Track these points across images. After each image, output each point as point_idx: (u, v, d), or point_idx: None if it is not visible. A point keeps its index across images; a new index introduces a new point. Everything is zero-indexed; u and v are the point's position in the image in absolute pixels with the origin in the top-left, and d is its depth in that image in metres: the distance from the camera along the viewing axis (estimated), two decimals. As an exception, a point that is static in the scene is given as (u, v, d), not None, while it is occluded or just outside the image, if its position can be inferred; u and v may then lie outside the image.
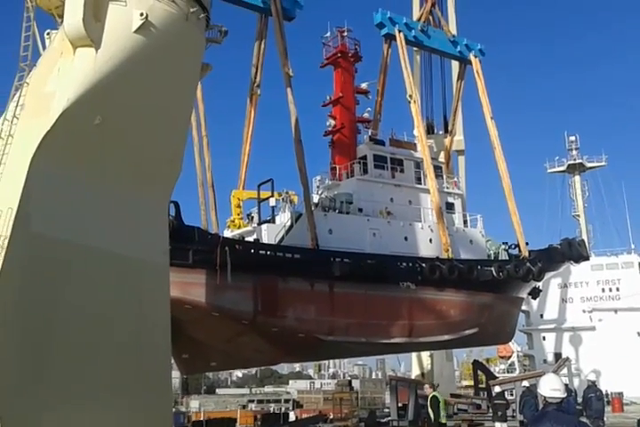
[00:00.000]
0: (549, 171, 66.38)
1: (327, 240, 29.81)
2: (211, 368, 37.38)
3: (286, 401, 63.17)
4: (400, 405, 28.51)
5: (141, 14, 18.56)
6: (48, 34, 19.76)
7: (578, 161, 64.84)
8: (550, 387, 5.13)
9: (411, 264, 31.49)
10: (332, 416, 35.04)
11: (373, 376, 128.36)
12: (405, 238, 33.28)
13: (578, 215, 64.75)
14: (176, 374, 40.96)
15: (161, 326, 19.65)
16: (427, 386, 12.54)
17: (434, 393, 12.55)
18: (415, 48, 40.81)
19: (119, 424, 16.93)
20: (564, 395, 5.13)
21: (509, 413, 20.94)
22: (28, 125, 16.85)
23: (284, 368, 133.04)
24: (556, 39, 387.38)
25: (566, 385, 20.54)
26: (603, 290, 56.37)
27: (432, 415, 12.54)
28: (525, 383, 22.95)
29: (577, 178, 65.45)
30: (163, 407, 19.26)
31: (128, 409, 17.29)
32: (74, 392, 15.82)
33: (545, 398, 5.10)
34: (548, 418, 4.90)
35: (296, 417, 38.04)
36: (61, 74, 17.94)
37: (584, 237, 57.82)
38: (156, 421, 18.54)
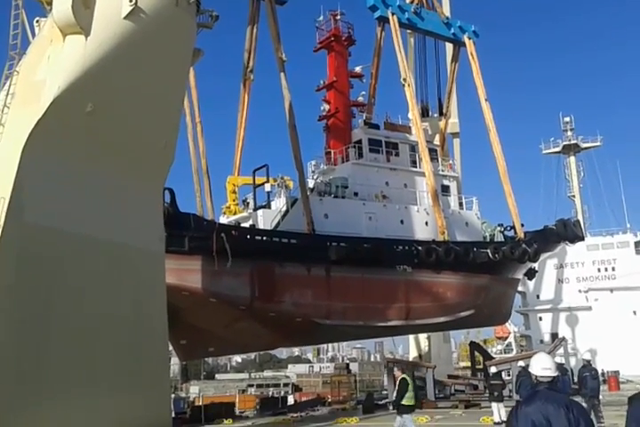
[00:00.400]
0: (544, 152, 66.29)
1: (323, 225, 29.86)
2: (209, 354, 37.57)
3: (285, 385, 63.59)
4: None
5: (130, 0, 18.41)
6: (37, 22, 19.58)
7: (573, 142, 64.69)
8: (541, 366, 5.17)
9: (407, 247, 31.57)
10: (330, 399, 35.33)
11: (372, 359, 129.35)
12: (401, 222, 33.32)
13: (573, 196, 64.82)
14: (176, 361, 41.19)
15: (158, 312, 19.77)
16: (396, 369, 12.68)
17: (403, 375, 12.66)
18: (409, 31, 40.53)
19: (118, 410, 17.08)
20: (556, 374, 5.16)
21: (506, 393, 21.15)
22: (19, 114, 16.79)
23: (282, 353, 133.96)
24: (550, 21, 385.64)
25: (562, 364, 20.81)
26: (599, 270, 56.59)
27: (398, 397, 12.66)
28: (522, 363, 23.14)
29: (572, 159, 65.38)
30: (161, 393, 19.43)
31: (126, 395, 17.44)
32: (72, 380, 15.95)
33: (536, 377, 5.15)
34: (539, 397, 4.94)
35: (295, 401, 38.33)
36: (51, 62, 17.83)
37: (580, 217, 57.92)
38: (155, 406, 18.72)
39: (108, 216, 18.25)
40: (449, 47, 41.37)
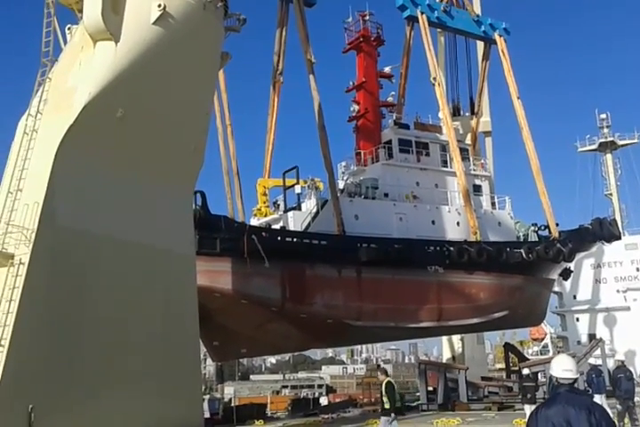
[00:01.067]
0: (580, 150, 64.97)
1: (353, 226, 29.77)
2: (241, 355, 37.78)
3: (319, 386, 63.61)
4: (430, 389, 28.54)
5: (159, 5, 18.66)
6: (69, 29, 19.96)
7: (609, 139, 63.22)
8: (562, 368, 5.06)
9: (438, 248, 31.29)
10: (361, 401, 35.21)
11: (406, 361, 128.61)
12: (432, 222, 33.06)
13: (610, 194, 63.38)
14: (211, 362, 41.59)
15: (189, 313, 19.97)
16: (379, 373, 12.53)
17: (387, 379, 12.50)
18: (439, 29, 40.20)
19: (149, 412, 17.28)
20: (577, 376, 5.05)
21: (539, 395, 20.84)
22: (52, 120, 17.12)
23: (316, 354, 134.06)
24: (582, 17, 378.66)
25: (597, 366, 20.42)
26: (637, 269, 55.21)
27: (387, 401, 12.50)
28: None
29: (608, 156, 63.94)
30: (192, 394, 19.60)
31: (158, 396, 17.63)
32: (103, 382, 16.19)
33: (557, 379, 5.04)
34: (560, 400, 4.84)
35: (328, 402, 38.31)
36: (82, 68, 18.16)
37: (617, 216, 56.72)
38: (187, 407, 18.90)
39: (138, 219, 18.50)
40: (480, 45, 40.92)
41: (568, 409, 4.71)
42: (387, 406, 12.53)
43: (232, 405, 29.42)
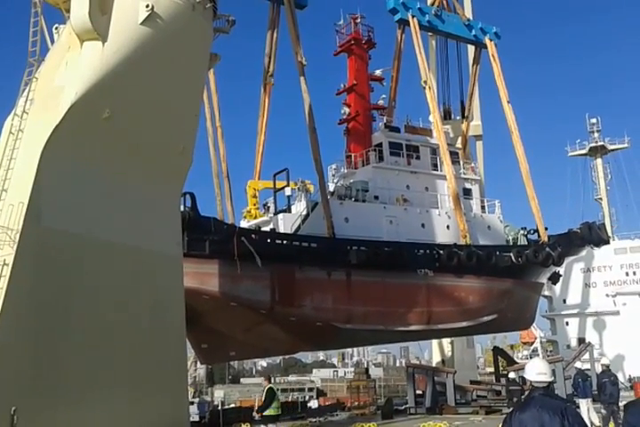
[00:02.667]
0: (570, 154, 65.36)
1: (343, 229, 29.76)
2: (230, 358, 37.59)
3: (310, 390, 63.49)
4: (419, 392, 28.51)
5: (147, 6, 18.57)
6: (56, 28, 19.85)
7: (599, 143, 63.67)
8: (536, 371, 5.02)
9: (428, 251, 31.33)
10: (349, 404, 35.11)
11: (397, 364, 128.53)
12: (422, 225, 33.09)
13: (600, 199, 63.78)
14: (201, 365, 41.42)
15: (176, 316, 19.83)
16: (263, 378, 12.50)
17: (270, 385, 12.40)
18: (430, 33, 40.31)
19: (134, 414, 17.13)
20: (551, 379, 5.02)
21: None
22: (38, 120, 16.99)
23: (307, 357, 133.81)
24: (573, 21, 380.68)
25: (583, 370, 20.42)
26: (627, 274, 55.55)
27: (269, 407, 12.37)
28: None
29: (599, 161, 64.36)
30: (178, 397, 19.46)
31: (143, 399, 17.49)
32: (88, 383, 16.04)
33: (531, 382, 5.00)
34: (534, 404, 4.79)
35: (319, 405, 38.19)
36: (69, 68, 18.04)
37: (607, 220, 57.08)
38: (172, 410, 18.75)
39: (125, 220, 18.37)
40: (470, 49, 41.06)
41: (542, 413, 4.68)
42: (269, 412, 12.34)
43: (219, 408, 29.23)
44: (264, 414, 12.23)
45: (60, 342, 15.83)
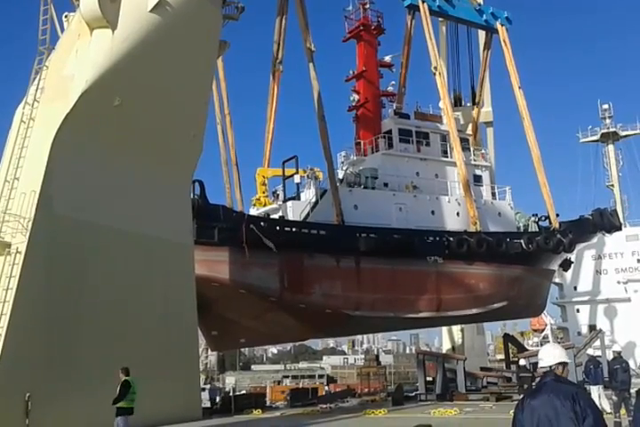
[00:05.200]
0: (582, 140, 64.65)
1: (352, 216, 29.71)
2: (240, 345, 37.86)
3: (320, 377, 63.79)
4: (429, 379, 28.55)
5: (156, -7, 18.52)
6: (66, 17, 19.86)
7: (611, 130, 62.94)
8: (543, 355, 5.01)
9: (438, 238, 31.22)
10: (359, 391, 35.24)
11: (407, 351, 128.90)
12: (432, 212, 32.98)
13: (612, 185, 63.15)
14: (213, 352, 41.71)
15: (187, 303, 19.99)
16: (120, 371, 12.24)
17: (125, 378, 12.31)
18: (440, 18, 39.90)
19: (146, 399, 17.28)
20: (558, 360, 4.94)
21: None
22: (49, 108, 17.06)
23: (318, 344, 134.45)
24: (585, 5, 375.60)
25: (595, 357, 20.38)
26: (638, 261, 55.15)
27: (123, 400, 12.33)
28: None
29: (610, 147, 63.62)
30: (190, 383, 19.64)
31: (156, 385, 17.62)
32: (101, 369, 16.21)
33: (543, 368, 4.98)
34: (546, 389, 4.78)
35: (329, 392, 38.37)
36: (79, 56, 18.08)
37: (618, 207, 56.53)
38: (184, 394, 18.94)
39: (136, 208, 18.47)
40: (481, 34, 40.64)
41: (553, 399, 4.66)
42: (121, 404, 12.37)
43: (230, 394, 29.45)
44: (117, 406, 12.33)
45: (73, 329, 15.99)
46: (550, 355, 4.98)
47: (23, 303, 14.84)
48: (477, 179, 36.45)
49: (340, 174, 32.89)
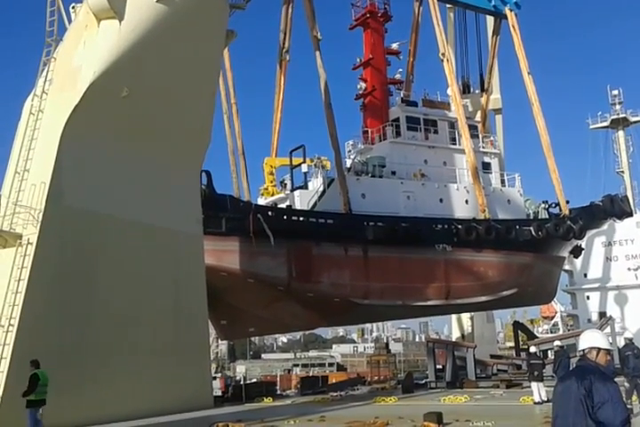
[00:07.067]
0: (592, 127, 64.16)
1: (360, 204, 29.69)
2: (249, 334, 38.05)
3: (330, 365, 64.13)
4: (439, 367, 28.64)
5: (162, -17, 18.46)
6: (73, 8, 19.83)
7: (621, 115, 62.41)
8: (580, 340, 5.04)
9: (446, 226, 31.16)
10: (369, 379, 35.40)
11: (417, 339, 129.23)
12: (440, 200, 32.91)
13: (622, 172, 62.69)
14: (224, 341, 41.92)
15: (197, 293, 20.10)
16: (30, 363, 12.20)
17: (34, 371, 12.32)
18: (448, 4, 39.60)
19: (159, 390, 17.48)
20: (589, 346, 4.91)
21: (547, 372, 20.86)
22: (57, 100, 17.12)
23: (327, 333, 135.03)
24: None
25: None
26: (649, 247, 54.96)
27: (26, 392, 12.38)
28: (557, 343, 22.73)
29: (620, 133, 63.10)
30: (201, 372, 19.79)
31: (167, 375, 17.82)
32: (113, 361, 16.39)
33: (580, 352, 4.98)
34: (572, 373, 4.82)
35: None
36: (87, 47, 18.09)
37: (629, 193, 56.11)
38: (196, 385, 19.09)
39: (146, 199, 18.54)
40: (490, 20, 40.28)
41: (573, 383, 4.66)
42: (31, 397, 12.45)
43: (241, 383, 29.69)
44: (27, 399, 12.45)
45: (84, 319, 16.15)
46: (584, 339, 5.00)
47: (35, 294, 14.99)
48: (486, 166, 36.31)
49: (348, 163, 32.87)
